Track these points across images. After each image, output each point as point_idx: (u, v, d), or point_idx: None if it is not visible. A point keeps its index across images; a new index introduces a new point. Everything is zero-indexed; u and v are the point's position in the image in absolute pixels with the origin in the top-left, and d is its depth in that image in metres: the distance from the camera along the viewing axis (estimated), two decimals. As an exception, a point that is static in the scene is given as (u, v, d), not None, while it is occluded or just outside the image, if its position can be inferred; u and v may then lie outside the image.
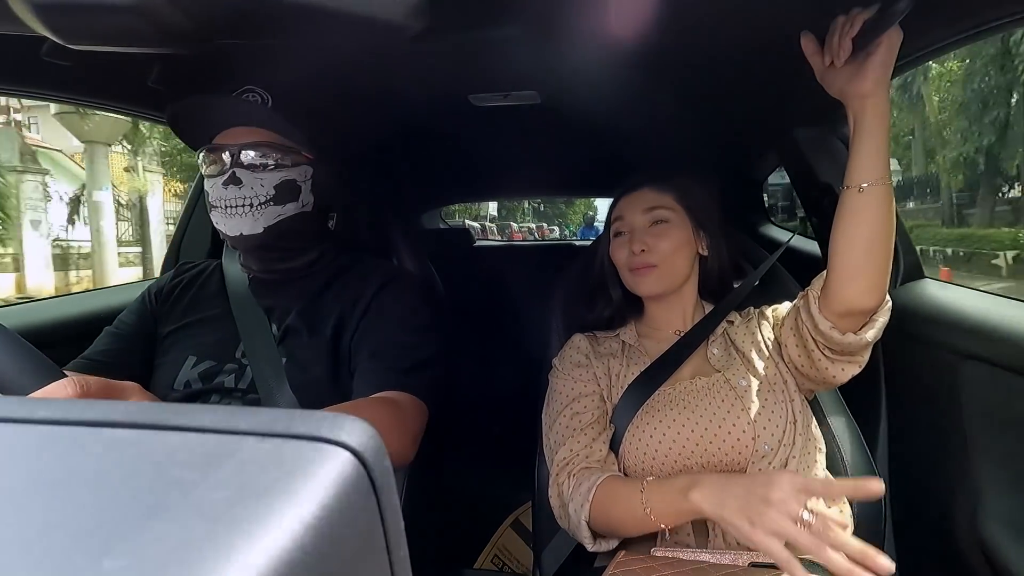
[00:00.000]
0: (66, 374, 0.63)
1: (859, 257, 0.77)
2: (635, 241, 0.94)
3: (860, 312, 0.80)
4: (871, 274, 0.77)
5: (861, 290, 0.78)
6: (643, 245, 0.93)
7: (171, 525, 0.17)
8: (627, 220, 0.97)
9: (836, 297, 0.79)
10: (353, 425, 0.22)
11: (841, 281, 0.79)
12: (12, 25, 0.38)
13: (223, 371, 0.87)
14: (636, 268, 0.95)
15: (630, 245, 0.95)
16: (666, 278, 0.95)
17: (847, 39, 0.69)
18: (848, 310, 0.79)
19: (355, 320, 0.90)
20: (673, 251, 0.94)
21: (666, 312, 0.99)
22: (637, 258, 0.94)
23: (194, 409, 0.23)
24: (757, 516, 0.64)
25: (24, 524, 0.17)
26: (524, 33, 0.84)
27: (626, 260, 0.96)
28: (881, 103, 0.73)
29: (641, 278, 0.95)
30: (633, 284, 0.97)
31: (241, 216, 0.84)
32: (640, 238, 0.94)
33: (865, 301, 0.78)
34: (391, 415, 0.79)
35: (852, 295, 0.78)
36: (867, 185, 0.75)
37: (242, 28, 0.42)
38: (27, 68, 0.86)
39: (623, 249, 0.97)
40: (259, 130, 0.86)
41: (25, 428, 0.23)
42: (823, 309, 0.81)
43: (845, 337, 0.80)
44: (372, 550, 0.21)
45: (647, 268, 0.94)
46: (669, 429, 0.86)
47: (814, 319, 0.82)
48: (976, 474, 0.88)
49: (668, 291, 0.97)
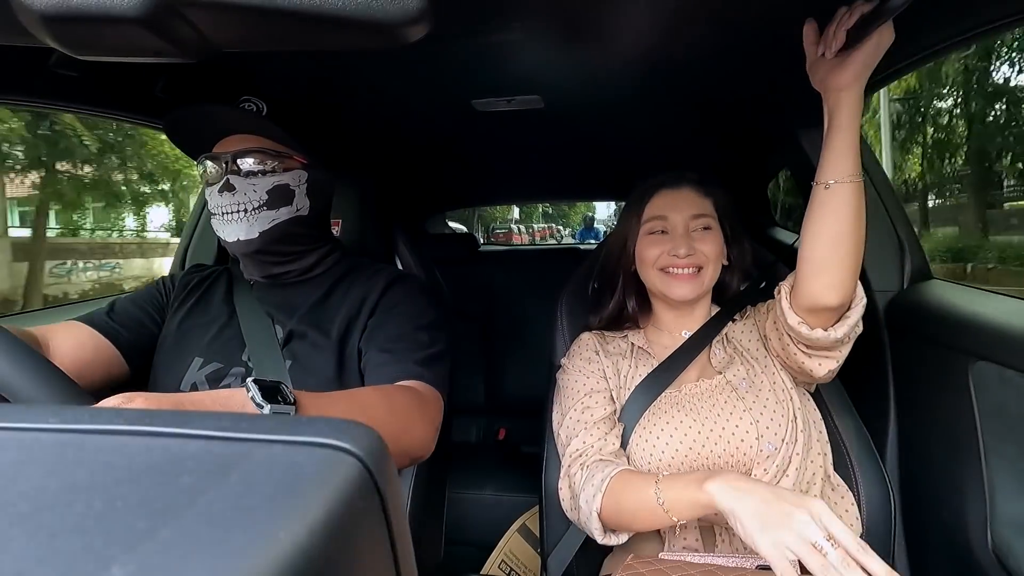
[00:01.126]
0: (77, 384, 0.62)
1: (823, 253, 0.77)
2: (680, 244, 0.92)
3: (825, 308, 0.79)
4: (835, 271, 0.77)
5: (824, 285, 0.78)
6: (689, 248, 0.92)
7: (178, 531, 0.17)
8: (671, 220, 0.95)
9: (802, 292, 0.80)
10: (357, 431, 0.22)
11: (805, 276, 0.79)
12: (21, 37, 0.39)
13: (229, 374, 0.87)
14: (674, 269, 0.93)
15: (672, 245, 0.92)
16: (703, 284, 0.94)
17: (842, 30, 0.69)
18: (812, 305, 0.79)
19: (363, 320, 0.90)
20: (717, 256, 0.94)
21: (679, 316, 0.99)
22: (680, 260, 0.92)
23: (201, 416, 0.24)
24: (772, 524, 0.62)
25: (35, 530, 0.17)
26: (526, 38, 0.84)
27: (662, 259, 0.93)
28: (855, 99, 0.73)
29: (679, 282, 0.93)
30: (665, 286, 0.94)
31: (236, 222, 0.85)
32: (686, 242, 0.92)
33: (829, 297, 0.78)
34: (417, 403, 0.78)
35: (816, 290, 0.78)
36: (833, 182, 0.75)
37: (248, 37, 0.42)
38: (36, 79, 0.87)
39: (658, 247, 0.94)
40: (253, 137, 0.88)
41: (36, 436, 0.23)
42: (793, 304, 0.82)
43: (813, 332, 0.80)
44: (378, 555, 0.21)
45: (690, 270, 0.92)
46: (676, 431, 0.86)
47: (784, 314, 0.82)
48: (988, 477, 0.87)
49: (698, 297, 0.96)
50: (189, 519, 0.17)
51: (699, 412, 0.87)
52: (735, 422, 0.84)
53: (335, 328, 0.89)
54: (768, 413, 0.84)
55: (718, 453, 0.83)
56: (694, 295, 0.94)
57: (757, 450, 0.82)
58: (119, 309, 0.95)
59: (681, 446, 0.85)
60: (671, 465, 0.85)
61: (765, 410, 0.85)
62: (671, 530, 0.83)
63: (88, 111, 1.06)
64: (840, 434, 0.94)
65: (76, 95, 0.97)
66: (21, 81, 0.88)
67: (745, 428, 0.83)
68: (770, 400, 0.86)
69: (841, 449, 0.93)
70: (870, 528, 0.88)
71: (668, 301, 0.97)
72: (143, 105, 1.06)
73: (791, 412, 0.85)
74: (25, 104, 0.98)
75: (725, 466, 0.84)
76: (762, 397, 0.86)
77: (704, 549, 0.81)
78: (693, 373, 0.93)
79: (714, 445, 0.84)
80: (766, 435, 0.83)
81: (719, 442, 0.83)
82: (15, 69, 0.84)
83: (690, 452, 0.84)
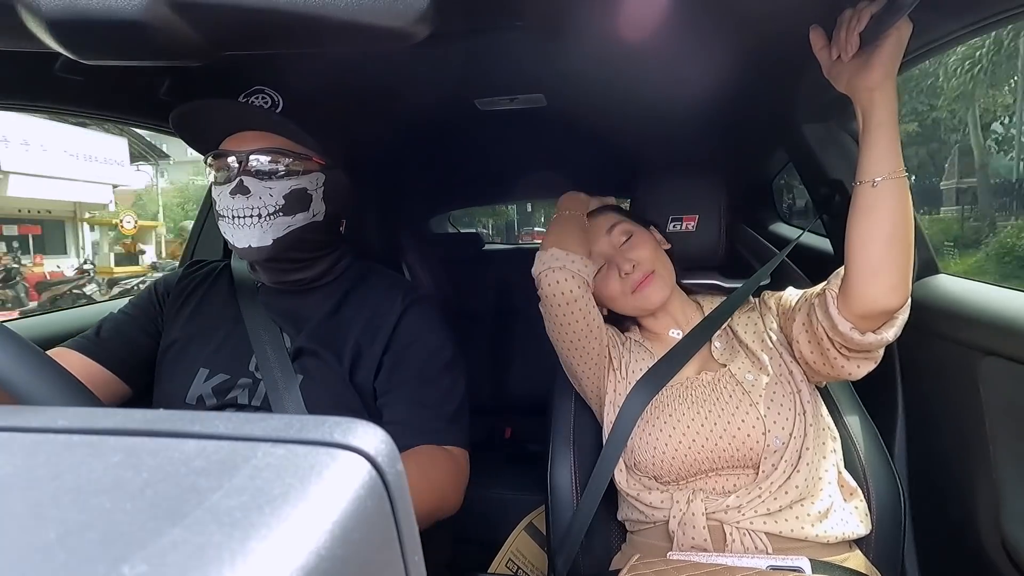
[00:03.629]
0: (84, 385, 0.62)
1: (878, 255, 0.74)
2: (622, 262, 0.94)
3: (883, 312, 0.77)
4: (892, 272, 0.74)
5: (884, 289, 0.75)
6: (628, 261, 0.93)
7: (188, 531, 0.17)
8: (600, 250, 0.97)
9: (857, 297, 0.76)
10: (366, 430, 0.22)
11: (862, 280, 0.76)
12: (27, 42, 0.39)
13: (237, 385, 0.84)
14: (637, 284, 0.93)
15: (618, 269, 0.94)
16: (665, 282, 0.95)
17: (854, 34, 0.69)
18: (870, 311, 0.76)
19: (376, 352, 0.87)
20: (654, 255, 0.96)
21: (663, 318, 0.99)
22: (633, 275, 0.93)
23: (209, 416, 0.24)
24: None
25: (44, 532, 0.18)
26: (529, 36, 0.84)
27: (622, 287, 0.95)
28: (889, 95, 0.72)
29: (647, 289, 0.94)
30: (641, 303, 0.95)
31: (249, 227, 0.80)
32: (623, 257, 0.94)
33: (889, 301, 0.75)
34: (453, 470, 0.82)
35: (874, 295, 0.75)
36: (881, 179, 0.73)
37: (251, 39, 0.42)
38: (41, 84, 0.88)
39: (611, 279, 0.95)
40: (268, 135, 0.81)
41: (44, 437, 0.23)
42: (843, 310, 0.78)
43: (865, 337, 0.77)
44: (387, 555, 0.21)
45: (646, 278, 0.93)
46: (679, 424, 0.85)
47: (832, 320, 0.79)
48: (997, 472, 0.86)
49: (671, 294, 0.96)
50: (198, 519, 0.18)
51: (702, 406, 0.86)
52: (741, 416, 0.83)
53: (347, 352, 0.86)
54: (775, 407, 0.84)
55: (723, 447, 0.83)
56: (668, 291, 0.95)
57: (764, 444, 0.82)
58: (108, 329, 0.90)
59: (684, 439, 0.84)
60: (675, 460, 0.84)
61: (772, 404, 0.84)
62: (679, 528, 0.83)
63: (94, 115, 1.06)
64: (849, 431, 0.94)
65: (82, 99, 0.98)
66: (27, 86, 0.89)
67: (751, 422, 0.83)
68: (777, 394, 0.85)
69: (850, 446, 0.92)
70: (880, 525, 0.87)
71: (651, 311, 0.98)
72: (149, 108, 1.07)
73: (799, 405, 0.84)
74: (31, 109, 0.98)
75: (732, 460, 0.83)
76: (769, 391, 0.85)
77: (713, 548, 0.81)
78: (693, 367, 0.93)
79: (718, 439, 0.83)
80: (773, 429, 0.82)
81: (724, 436, 0.83)
82: (21, 74, 0.85)
83: (693, 445, 0.84)
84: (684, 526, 0.82)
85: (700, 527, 0.81)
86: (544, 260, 0.90)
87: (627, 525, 0.94)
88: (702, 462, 0.84)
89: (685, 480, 0.86)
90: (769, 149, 1.56)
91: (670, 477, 0.86)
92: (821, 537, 0.80)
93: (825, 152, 1.20)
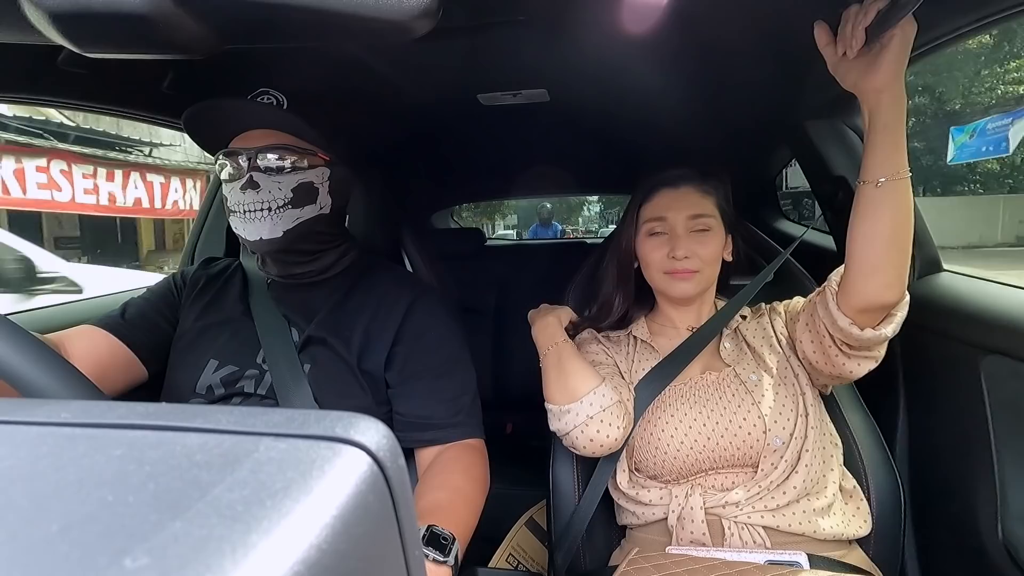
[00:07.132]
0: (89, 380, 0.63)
1: (879, 253, 0.75)
2: (678, 246, 0.92)
3: (880, 307, 0.78)
4: (891, 269, 0.76)
5: (881, 285, 0.76)
6: (687, 251, 0.92)
7: (190, 524, 0.17)
8: (669, 222, 0.94)
9: (855, 293, 0.78)
10: (368, 425, 0.22)
11: (861, 277, 0.77)
12: (30, 35, 0.39)
13: (244, 376, 0.86)
14: (676, 272, 0.93)
15: (671, 248, 0.93)
16: (703, 283, 0.94)
17: (860, 29, 0.68)
18: (868, 306, 0.78)
19: (385, 342, 0.89)
20: (714, 258, 0.94)
21: (684, 312, 0.99)
22: (679, 263, 0.92)
23: (211, 410, 0.24)
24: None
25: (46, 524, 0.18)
26: (532, 31, 0.84)
27: (663, 263, 0.94)
28: (897, 96, 0.71)
29: (680, 282, 0.93)
30: (667, 287, 0.95)
31: (260, 220, 0.83)
32: (684, 244, 0.92)
33: (885, 296, 0.77)
34: (482, 463, 0.87)
35: (872, 291, 0.77)
36: (884, 180, 0.73)
37: (253, 32, 0.42)
38: (44, 76, 0.88)
39: (659, 251, 0.94)
40: (275, 132, 0.85)
41: (47, 431, 0.23)
42: (842, 305, 0.80)
43: (864, 333, 0.78)
44: (388, 549, 0.21)
45: (687, 273, 0.92)
46: (681, 423, 0.86)
47: (832, 315, 0.80)
48: (998, 471, 0.86)
49: (701, 295, 0.96)
50: (200, 512, 0.18)
51: (705, 405, 0.86)
52: (743, 415, 0.84)
53: (354, 340, 0.88)
54: (777, 407, 0.84)
55: (724, 446, 0.83)
56: (696, 293, 0.94)
57: (764, 443, 0.82)
58: (132, 311, 0.94)
59: (686, 438, 0.85)
60: (677, 458, 0.85)
61: (774, 404, 0.84)
62: (678, 523, 0.83)
63: (97, 108, 1.06)
64: (850, 429, 0.94)
65: (85, 93, 0.98)
66: (30, 79, 0.89)
67: (752, 421, 0.83)
68: (780, 395, 0.85)
69: (851, 443, 0.92)
70: (880, 522, 0.88)
71: (671, 298, 0.97)
72: (152, 101, 1.07)
73: (802, 407, 0.85)
74: (34, 102, 0.98)
75: (732, 459, 0.84)
76: (772, 392, 0.85)
77: (712, 542, 0.81)
78: (697, 367, 0.93)
79: (720, 438, 0.83)
80: (774, 429, 0.83)
81: (725, 434, 0.83)
82: (25, 67, 0.85)
83: (695, 444, 0.84)
84: (683, 520, 0.83)
85: (699, 521, 0.81)
86: (567, 421, 0.85)
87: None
88: (703, 461, 0.84)
89: (685, 478, 0.86)
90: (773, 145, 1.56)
91: (671, 476, 0.87)
92: (819, 534, 0.80)
93: (828, 149, 1.19)
